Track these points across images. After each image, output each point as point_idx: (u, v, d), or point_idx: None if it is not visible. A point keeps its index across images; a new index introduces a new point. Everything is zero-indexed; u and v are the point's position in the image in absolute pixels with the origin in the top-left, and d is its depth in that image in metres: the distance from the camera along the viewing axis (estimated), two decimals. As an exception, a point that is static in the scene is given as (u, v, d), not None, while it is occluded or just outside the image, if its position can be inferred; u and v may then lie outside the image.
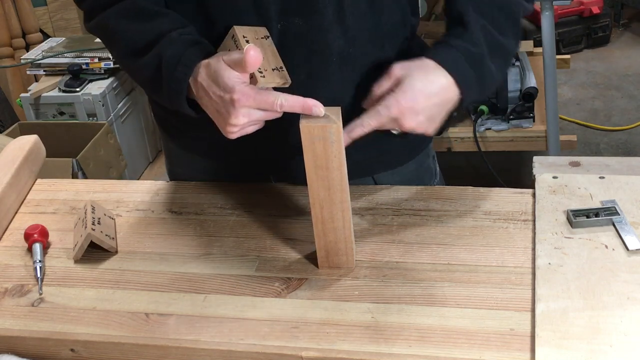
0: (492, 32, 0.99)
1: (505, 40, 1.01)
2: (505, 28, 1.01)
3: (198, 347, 0.86)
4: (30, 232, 1.04)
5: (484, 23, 0.99)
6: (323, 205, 0.91)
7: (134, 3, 1.00)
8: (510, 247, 0.96)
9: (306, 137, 0.86)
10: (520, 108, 2.49)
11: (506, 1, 1.02)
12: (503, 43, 1.00)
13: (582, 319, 0.83)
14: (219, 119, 0.92)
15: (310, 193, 0.91)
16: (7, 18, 3.19)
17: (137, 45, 0.99)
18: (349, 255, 0.95)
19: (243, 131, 0.91)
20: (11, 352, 0.90)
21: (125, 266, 1.00)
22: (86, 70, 2.85)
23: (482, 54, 0.98)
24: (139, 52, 0.98)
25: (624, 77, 3.52)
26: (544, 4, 2.34)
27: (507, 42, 1.01)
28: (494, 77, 1.01)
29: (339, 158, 0.88)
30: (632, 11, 3.98)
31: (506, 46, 1.01)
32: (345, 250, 0.95)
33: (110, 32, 1.02)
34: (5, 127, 2.89)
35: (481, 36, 0.98)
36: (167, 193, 1.15)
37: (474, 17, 0.99)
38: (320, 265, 0.97)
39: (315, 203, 0.91)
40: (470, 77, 0.97)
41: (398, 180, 1.15)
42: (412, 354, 0.82)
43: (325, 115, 0.87)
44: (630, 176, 1.05)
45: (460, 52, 0.97)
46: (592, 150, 3.02)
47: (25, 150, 1.19)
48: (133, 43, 0.99)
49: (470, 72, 0.97)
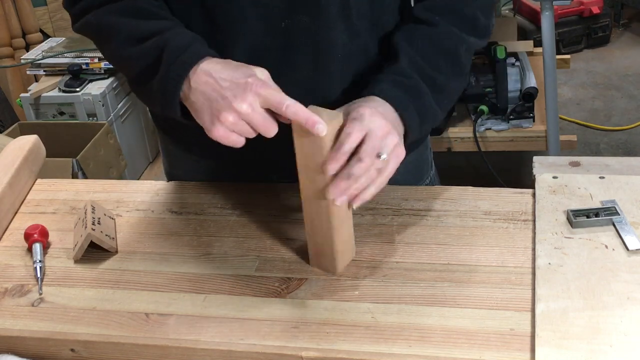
0: (423, 66, 0.99)
1: (439, 75, 1.00)
2: (439, 63, 1.00)
3: (198, 347, 0.86)
4: (30, 232, 1.04)
5: (413, 55, 0.99)
6: (312, 206, 0.92)
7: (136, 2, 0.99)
8: (510, 247, 0.96)
9: (297, 135, 0.87)
10: (520, 108, 2.49)
11: (441, 36, 1.01)
12: (434, 77, 0.99)
13: (582, 319, 0.83)
14: (214, 107, 0.88)
15: (301, 191, 0.92)
16: (7, 18, 3.19)
17: (138, 34, 0.96)
18: (332, 260, 0.94)
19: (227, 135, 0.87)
20: (11, 352, 0.90)
21: (125, 266, 1.00)
22: (86, 70, 2.85)
23: (417, 85, 0.98)
24: (140, 39, 0.96)
25: (624, 77, 3.52)
26: (544, 4, 2.34)
27: (440, 77, 1.00)
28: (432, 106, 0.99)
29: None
30: (632, 11, 3.98)
31: (439, 81, 1.00)
32: (331, 254, 0.94)
33: (106, 25, 1.00)
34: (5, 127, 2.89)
35: (410, 68, 0.98)
36: (167, 193, 1.15)
37: (404, 50, 0.99)
38: (311, 264, 0.97)
39: (305, 202, 0.92)
40: (407, 105, 0.95)
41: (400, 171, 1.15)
42: (412, 354, 0.82)
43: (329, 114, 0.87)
44: (630, 176, 1.05)
45: (396, 86, 0.96)
46: (592, 150, 3.02)
47: (25, 150, 1.19)
48: (133, 32, 0.97)
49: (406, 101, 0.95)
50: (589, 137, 3.11)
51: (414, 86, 0.97)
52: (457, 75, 1.04)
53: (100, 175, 2.58)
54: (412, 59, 0.99)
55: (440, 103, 1.01)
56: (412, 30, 1.03)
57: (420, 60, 0.99)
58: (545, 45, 2.37)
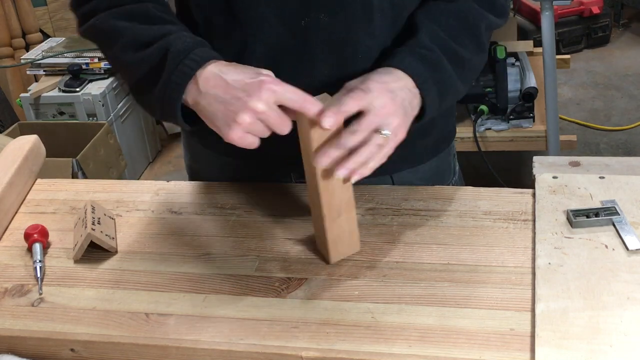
0: (445, 39, 0.97)
1: (461, 49, 0.98)
2: (462, 37, 0.99)
3: (198, 347, 0.86)
4: (30, 232, 1.04)
5: (436, 29, 0.97)
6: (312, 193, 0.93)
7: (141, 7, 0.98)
8: (510, 247, 0.96)
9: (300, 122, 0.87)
10: (520, 108, 2.50)
11: (463, 10, 1.00)
12: (457, 50, 0.98)
13: (582, 319, 0.83)
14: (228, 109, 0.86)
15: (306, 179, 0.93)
16: (7, 18, 3.19)
17: (141, 39, 0.95)
18: (326, 249, 0.95)
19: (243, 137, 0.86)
20: (11, 352, 0.90)
21: (125, 266, 1.00)
22: (86, 70, 2.86)
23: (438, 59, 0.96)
24: (143, 45, 0.95)
25: (624, 77, 3.52)
26: (544, 4, 2.34)
27: (463, 51, 0.99)
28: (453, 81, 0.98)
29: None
30: (632, 11, 3.98)
31: (461, 54, 0.99)
32: (325, 243, 0.95)
33: (110, 28, 0.99)
34: (5, 127, 2.89)
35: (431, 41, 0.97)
36: (167, 193, 1.15)
37: (425, 24, 0.98)
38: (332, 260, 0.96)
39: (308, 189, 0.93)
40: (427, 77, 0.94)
41: (418, 177, 1.14)
42: (412, 354, 0.82)
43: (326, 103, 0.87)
44: (630, 176, 1.05)
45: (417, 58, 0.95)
46: (592, 150, 3.02)
47: (25, 150, 1.19)
48: (136, 37, 0.96)
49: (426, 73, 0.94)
50: (589, 137, 3.11)
51: (435, 59, 0.96)
52: (479, 51, 1.02)
53: (100, 175, 2.58)
54: (434, 33, 0.97)
55: (463, 78, 0.99)
56: (434, 6, 1.01)
57: (442, 33, 0.98)
58: (545, 45, 2.37)
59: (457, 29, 0.99)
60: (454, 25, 0.99)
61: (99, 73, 2.86)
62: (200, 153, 1.21)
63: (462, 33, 1.00)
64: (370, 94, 0.88)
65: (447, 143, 1.19)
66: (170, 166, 3.12)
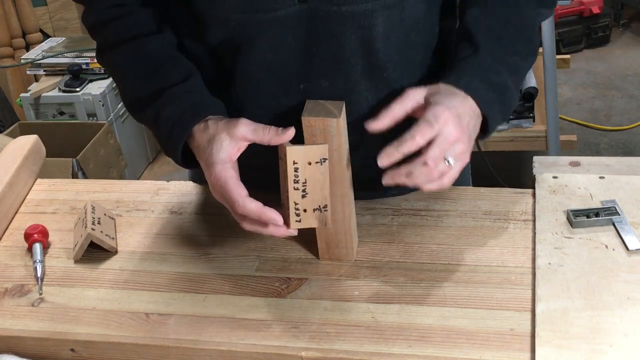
0: (506, 53, 0.95)
1: (517, 58, 0.96)
2: (518, 46, 0.96)
3: (198, 347, 0.86)
4: (30, 232, 1.04)
5: (495, 44, 0.94)
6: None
7: (143, 46, 0.98)
8: (510, 247, 0.96)
9: (307, 131, 0.87)
10: (520, 108, 2.49)
11: (517, 14, 0.97)
12: (515, 62, 0.96)
13: (582, 319, 0.83)
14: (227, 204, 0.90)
15: None
16: (7, 18, 3.19)
17: (140, 94, 0.97)
18: (348, 247, 0.96)
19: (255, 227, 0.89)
20: (11, 352, 0.90)
21: (125, 266, 1.00)
22: (86, 70, 2.85)
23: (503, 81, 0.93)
24: (141, 101, 0.97)
25: (624, 77, 3.52)
26: (544, 3, 2.34)
27: (519, 60, 0.96)
28: (515, 97, 0.96)
29: (339, 152, 0.88)
30: (632, 11, 3.98)
31: (518, 64, 0.96)
32: (345, 243, 0.95)
33: (119, 74, 1.02)
34: (5, 127, 2.89)
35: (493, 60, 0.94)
36: (167, 193, 1.15)
37: (484, 40, 0.94)
38: (321, 257, 0.97)
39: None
40: (494, 102, 0.92)
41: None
42: (412, 354, 0.82)
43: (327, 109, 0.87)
44: (630, 176, 1.05)
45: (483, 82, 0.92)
46: (592, 150, 3.02)
47: (25, 150, 1.19)
48: (136, 92, 0.98)
49: (493, 97, 0.92)
50: (589, 137, 3.11)
51: (500, 83, 0.93)
52: (532, 54, 1.00)
53: (100, 175, 2.58)
54: (494, 49, 0.94)
55: (518, 84, 0.97)
56: (487, 15, 0.96)
57: (501, 49, 0.94)
58: (545, 45, 2.37)
59: (513, 38, 0.96)
60: (511, 35, 0.96)
61: (99, 73, 2.86)
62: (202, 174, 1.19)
63: (518, 41, 0.97)
64: (438, 122, 0.85)
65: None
66: (170, 166, 3.12)
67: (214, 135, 0.90)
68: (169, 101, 0.94)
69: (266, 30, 0.91)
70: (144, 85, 0.97)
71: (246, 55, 0.94)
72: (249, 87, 0.97)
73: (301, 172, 0.86)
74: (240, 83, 0.97)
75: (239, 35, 0.93)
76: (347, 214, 0.93)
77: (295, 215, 0.87)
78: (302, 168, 0.86)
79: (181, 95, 0.94)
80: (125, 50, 0.99)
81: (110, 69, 1.04)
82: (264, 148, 0.89)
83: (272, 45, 0.93)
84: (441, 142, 0.85)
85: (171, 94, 0.94)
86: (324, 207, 0.88)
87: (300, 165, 0.86)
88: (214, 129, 0.90)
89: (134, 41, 0.98)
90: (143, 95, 0.97)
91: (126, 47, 0.98)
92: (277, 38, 0.92)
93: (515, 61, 0.96)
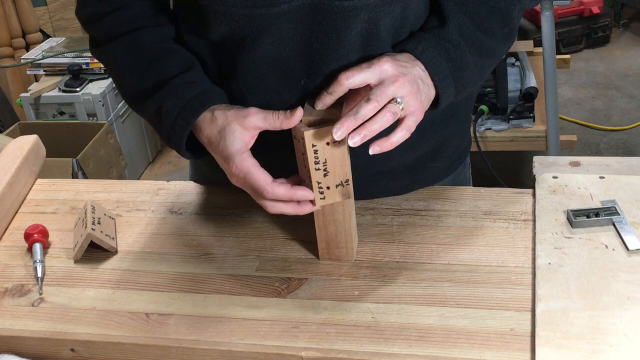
0: (473, 30, 0.94)
1: (488, 39, 0.95)
2: (491, 26, 0.95)
3: (198, 347, 0.86)
4: (30, 232, 1.04)
5: (464, 19, 0.94)
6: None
7: (140, 39, 0.98)
8: (510, 247, 0.96)
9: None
10: (520, 108, 2.49)
11: None
12: (484, 42, 0.95)
13: (582, 319, 0.83)
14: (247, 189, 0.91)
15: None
16: (7, 18, 3.20)
17: (140, 86, 0.97)
18: (348, 248, 0.96)
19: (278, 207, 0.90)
20: (11, 352, 0.90)
21: (125, 266, 1.00)
22: (86, 70, 2.86)
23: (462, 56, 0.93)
24: (142, 93, 0.97)
25: (624, 77, 3.52)
26: (544, 4, 2.34)
27: (490, 41, 0.95)
28: (474, 77, 0.95)
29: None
30: (632, 11, 3.98)
31: (487, 45, 0.95)
32: (345, 243, 0.95)
33: (115, 67, 1.01)
34: (5, 127, 2.89)
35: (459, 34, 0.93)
36: (167, 193, 1.15)
37: (454, 13, 0.94)
38: (321, 257, 0.97)
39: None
40: (447, 75, 0.92)
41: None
42: (412, 354, 0.82)
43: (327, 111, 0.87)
44: (630, 176, 1.05)
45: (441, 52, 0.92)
46: (592, 150, 3.02)
47: (25, 150, 1.19)
48: (136, 84, 0.98)
49: (447, 70, 0.92)
50: (589, 137, 3.11)
51: (459, 56, 0.92)
52: (507, 38, 0.99)
53: (100, 175, 2.58)
54: (461, 23, 0.93)
55: (484, 68, 0.97)
56: None
57: (469, 22, 0.94)
58: (545, 45, 2.37)
59: (487, 17, 0.95)
60: (484, 13, 0.95)
61: (99, 73, 2.86)
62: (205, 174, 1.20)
63: (491, 21, 0.95)
64: (374, 61, 0.87)
65: (462, 159, 1.17)
66: (170, 166, 3.12)
67: (224, 126, 0.90)
68: (172, 92, 0.94)
69: (270, 25, 0.91)
70: (145, 77, 0.97)
71: (249, 50, 0.94)
72: (252, 82, 0.97)
73: (321, 153, 0.87)
74: (242, 77, 0.97)
75: (242, 30, 0.92)
76: (347, 214, 0.93)
77: (319, 193, 0.89)
78: (322, 149, 0.86)
79: (184, 86, 0.94)
80: (122, 43, 0.98)
81: (106, 61, 1.03)
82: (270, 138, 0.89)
83: (276, 39, 0.92)
84: (383, 83, 0.86)
85: (174, 85, 0.94)
86: (345, 181, 0.89)
87: (319, 147, 0.86)
88: (224, 120, 0.90)
89: (131, 34, 0.98)
90: (144, 87, 0.96)
91: (124, 39, 0.98)
92: (280, 33, 0.92)
93: (484, 41, 0.95)
